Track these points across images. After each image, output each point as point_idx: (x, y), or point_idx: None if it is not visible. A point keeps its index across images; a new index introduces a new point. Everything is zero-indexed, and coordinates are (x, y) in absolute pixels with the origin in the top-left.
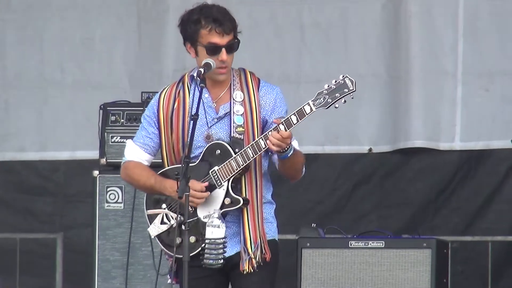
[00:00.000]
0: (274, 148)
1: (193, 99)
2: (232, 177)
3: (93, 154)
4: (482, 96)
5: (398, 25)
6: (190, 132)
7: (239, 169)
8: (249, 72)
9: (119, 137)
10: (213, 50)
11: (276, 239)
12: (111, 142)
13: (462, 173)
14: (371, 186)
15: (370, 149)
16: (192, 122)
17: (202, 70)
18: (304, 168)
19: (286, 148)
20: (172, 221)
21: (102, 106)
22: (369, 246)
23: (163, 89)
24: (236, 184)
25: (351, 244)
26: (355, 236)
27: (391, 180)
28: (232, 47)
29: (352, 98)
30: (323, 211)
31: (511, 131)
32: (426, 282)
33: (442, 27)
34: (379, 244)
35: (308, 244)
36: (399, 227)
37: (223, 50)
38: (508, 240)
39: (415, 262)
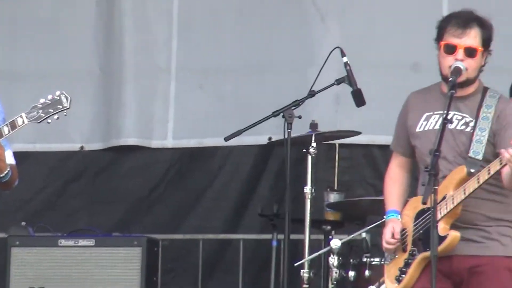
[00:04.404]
0: None
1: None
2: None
3: None
4: (196, 92)
5: (112, 22)
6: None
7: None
8: None
9: None
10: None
11: None
12: None
13: (174, 170)
14: (83, 184)
15: (82, 147)
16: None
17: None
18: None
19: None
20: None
21: None
22: (79, 244)
23: None
24: None
25: (60, 243)
26: (65, 235)
27: (103, 177)
28: None
29: (66, 115)
30: (34, 209)
31: (224, 128)
32: (136, 279)
33: (156, 23)
34: (89, 242)
35: (18, 243)
36: (112, 225)
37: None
38: (220, 238)
39: (125, 259)
